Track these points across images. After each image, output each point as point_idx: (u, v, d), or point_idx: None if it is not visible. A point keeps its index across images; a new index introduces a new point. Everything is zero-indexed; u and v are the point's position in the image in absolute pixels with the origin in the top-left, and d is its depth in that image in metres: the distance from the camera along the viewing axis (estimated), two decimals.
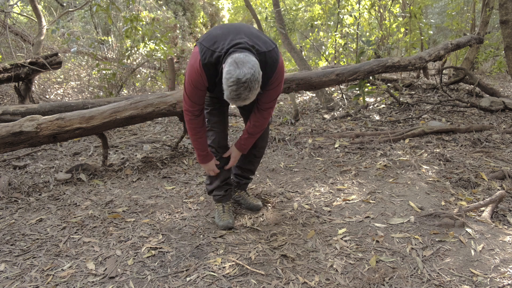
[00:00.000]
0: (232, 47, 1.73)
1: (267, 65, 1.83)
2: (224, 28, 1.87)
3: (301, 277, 1.75)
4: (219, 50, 1.76)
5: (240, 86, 1.61)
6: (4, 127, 2.82)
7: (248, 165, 2.40)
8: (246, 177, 2.46)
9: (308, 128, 4.49)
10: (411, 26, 7.39)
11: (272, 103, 2.02)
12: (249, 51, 1.73)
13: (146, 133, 4.65)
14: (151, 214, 2.46)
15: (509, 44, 4.69)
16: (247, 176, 2.46)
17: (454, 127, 4.00)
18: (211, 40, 1.80)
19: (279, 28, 6.81)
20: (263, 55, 1.81)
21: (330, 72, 4.15)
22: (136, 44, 6.02)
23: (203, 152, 2.12)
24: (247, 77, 1.60)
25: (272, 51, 1.85)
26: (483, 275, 1.70)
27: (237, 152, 2.20)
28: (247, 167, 2.41)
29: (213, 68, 1.80)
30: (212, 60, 1.78)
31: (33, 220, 2.38)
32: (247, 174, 2.45)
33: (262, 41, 1.84)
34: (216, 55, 1.76)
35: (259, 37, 1.85)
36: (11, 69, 4.67)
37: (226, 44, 1.75)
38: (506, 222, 2.24)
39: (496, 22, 10.46)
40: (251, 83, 1.61)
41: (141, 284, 1.75)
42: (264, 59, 1.81)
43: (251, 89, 1.63)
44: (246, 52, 1.70)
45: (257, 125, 2.07)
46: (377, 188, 2.69)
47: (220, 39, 1.79)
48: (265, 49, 1.82)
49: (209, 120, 2.17)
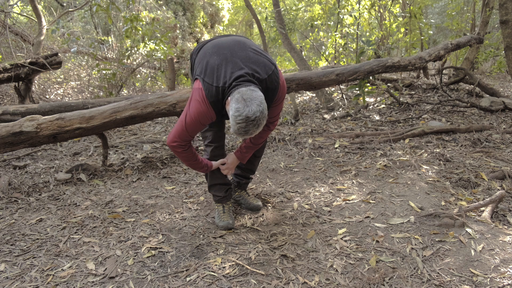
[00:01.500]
0: (234, 81, 1.75)
1: (269, 90, 1.87)
2: (219, 52, 1.86)
3: (301, 277, 1.75)
4: (221, 85, 1.78)
5: (249, 124, 1.65)
6: (4, 127, 2.82)
7: (248, 165, 2.41)
8: (246, 176, 2.46)
9: (308, 128, 4.49)
10: (411, 26, 7.39)
11: (276, 117, 2.06)
12: (253, 83, 1.77)
13: (146, 133, 4.65)
14: (151, 214, 2.46)
15: (509, 44, 4.69)
16: (247, 176, 2.46)
17: (454, 127, 4.00)
18: (211, 73, 1.81)
19: (279, 28, 6.81)
20: (264, 82, 1.83)
21: (330, 72, 4.15)
22: (136, 44, 6.02)
23: (203, 168, 2.14)
24: (256, 115, 1.65)
25: (272, 75, 1.86)
26: (483, 275, 1.70)
27: (234, 160, 2.20)
28: (248, 167, 2.41)
29: (219, 103, 1.84)
30: (219, 96, 1.81)
31: (33, 220, 2.38)
32: (248, 174, 2.45)
33: (261, 65, 1.84)
34: (220, 90, 1.79)
35: (257, 61, 1.84)
36: (11, 69, 4.67)
37: (228, 78, 1.77)
38: (506, 222, 2.24)
39: (496, 22, 10.46)
40: (259, 120, 1.67)
41: (141, 284, 1.75)
42: (266, 86, 1.85)
43: (259, 125, 1.69)
44: (251, 86, 1.74)
45: (261, 136, 2.09)
46: (377, 188, 2.69)
47: (220, 71, 1.80)
48: (265, 76, 1.84)
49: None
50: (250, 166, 2.42)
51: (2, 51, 6.46)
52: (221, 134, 2.21)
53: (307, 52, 11.59)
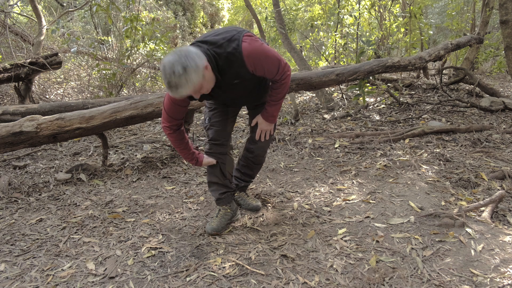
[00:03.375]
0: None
1: (231, 62, 1.77)
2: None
3: (301, 277, 1.75)
4: None
5: (166, 72, 1.59)
6: (4, 127, 2.82)
7: (247, 170, 2.38)
8: (245, 180, 2.45)
9: (308, 128, 4.49)
10: (411, 26, 7.38)
11: (279, 75, 1.89)
12: (202, 45, 1.74)
13: (146, 133, 4.65)
14: (151, 214, 2.46)
15: (509, 44, 4.69)
16: (247, 180, 2.45)
17: (454, 127, 4.00)
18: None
19: (279, 28, 6.81)
20: (222, 47, 1.75)
21: (330, 72, 4.15)
22: (136, 44, 6.02)
23: (191, 159, 2.12)
24: (170, 61, 1.59)
25: (232, 41, 1.75)
26: (483, 275, 1.70)
27: (263, 122, 2.11)
28: (247, 172, 2.39)
29: None
30: None
31: (33, 220, 2.38)
32: (247, 178, 2.44)
33: (221, 34, 1.78)
34: None
35: (221, 32, 1.79)
36: (11, 69, 4.67)
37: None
38: (506, 222, 2.24)
39: (496, 22, 10.46)
40: (174, 66, 1.57)
41: (141, 284, 1.75)
42: (225, 51, 1.74)
43: (179, 75, 1.58)
44: (193, 46, 1.72)
45: (277, 91, 1.98)
46: (377, 188, 2.69)
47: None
48: (222, 40, 1.74)
49: (209, 119, 2.16)
50: (249, 172, 2.39)
51: (2, 51, 6.46)
52: (224, 133, 2.19)
53: (307, 52, 11.59)
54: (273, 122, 2.14)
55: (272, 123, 2.15)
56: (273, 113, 2.09)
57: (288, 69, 1.91)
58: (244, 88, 1.96)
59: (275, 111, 2.08)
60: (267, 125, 2.14)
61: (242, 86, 1.93)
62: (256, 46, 1.78)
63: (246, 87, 1.96)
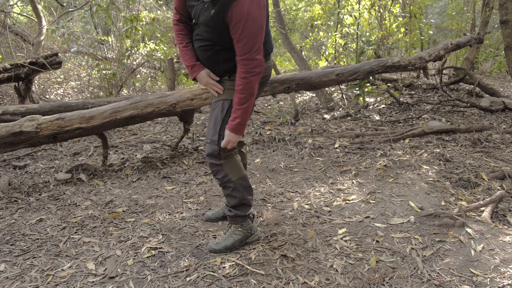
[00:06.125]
0: None
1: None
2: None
3: (301, 277, 1.75)
4: None
5: None
6: (4, 127, 2.82)
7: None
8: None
9: (308, 128, 4.49)
10: (411, 26, 7.38)
11: (246, 57, 1.68)
12: None
13: (146, 133, 4.65)
14: (151, 214, 2.46)
15: (509, 44, 4.69)
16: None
17: (454, 127, 4.00)
18: None
19: (279, 28, 6.81)
20: None
21: (330, 72, 4.15)
22: (136, 44, 6.02)
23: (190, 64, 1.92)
24: None
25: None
26: (483, 275, 1.70)
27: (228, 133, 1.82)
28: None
29: None
30: None
31: (33, 220, 2.38)
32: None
33: None
34: None
35: None
36: (11, 69, 4.67)
37: None
38: (506, 222, 2.24)
39: (496, 22, 10.46)
40: None
41: (141, 284, 1.75)
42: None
43: None
44: None
45: (239, 88, 1.74)
46: (377, 188, 2.69)
47: None
48: None
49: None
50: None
51: (2, 51, 6.46)
52: None
53: (307, 52, 11.59)
54: (233, 131, 1.80)
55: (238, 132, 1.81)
56: (234, 118, 1.78)
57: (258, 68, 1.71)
58: (206, 28, 1.77)
59: (236, 118, 1.78)
60: (233, 136, 1.82)
61: (206, 25, 1.76)
62: (252, 9, 1.60)
63: (207, 31, 1.77)
